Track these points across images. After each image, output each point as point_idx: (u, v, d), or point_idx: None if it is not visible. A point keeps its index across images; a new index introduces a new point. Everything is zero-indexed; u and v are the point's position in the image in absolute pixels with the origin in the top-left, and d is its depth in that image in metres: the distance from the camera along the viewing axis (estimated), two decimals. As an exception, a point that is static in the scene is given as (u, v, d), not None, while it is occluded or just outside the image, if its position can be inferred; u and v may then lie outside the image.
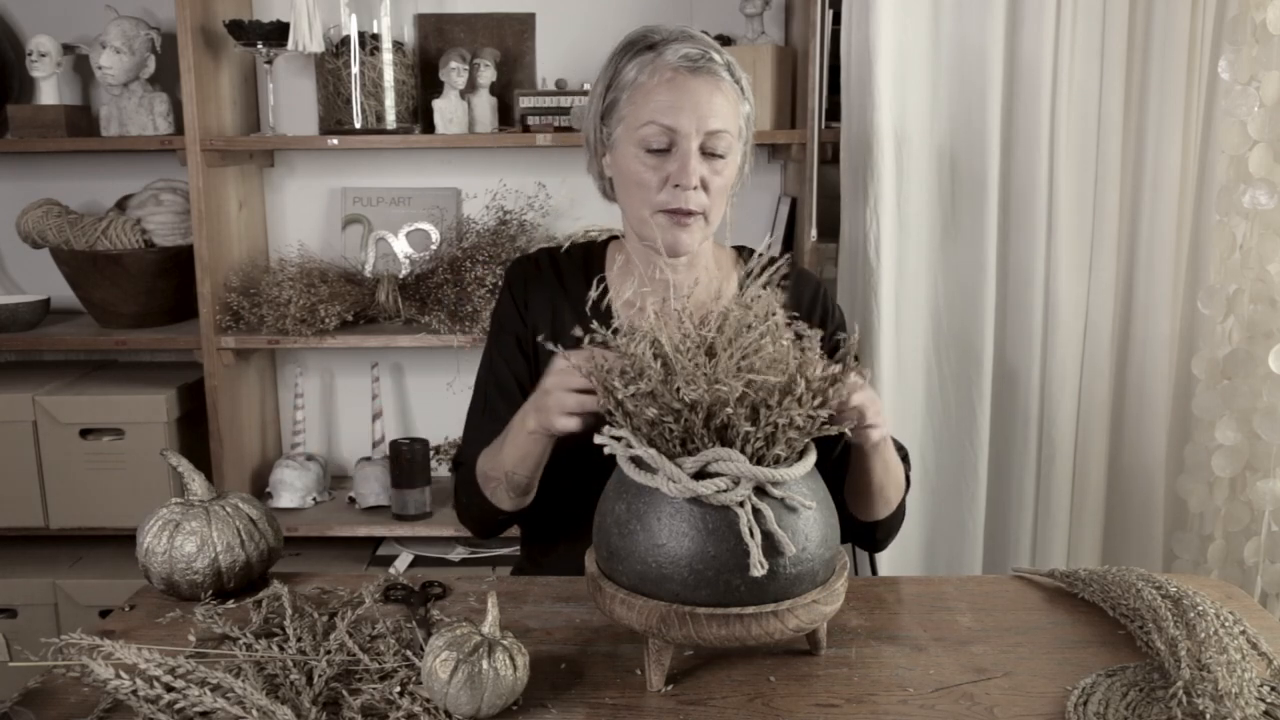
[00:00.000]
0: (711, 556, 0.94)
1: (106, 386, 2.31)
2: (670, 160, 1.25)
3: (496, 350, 1.40)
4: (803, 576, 0.96)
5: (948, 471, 2.10)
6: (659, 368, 0.97)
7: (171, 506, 1.19)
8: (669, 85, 1.24)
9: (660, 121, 1.24)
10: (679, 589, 0.95)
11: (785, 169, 2.36)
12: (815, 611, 0.97)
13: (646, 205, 1.28)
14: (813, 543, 0.97)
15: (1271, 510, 1.80)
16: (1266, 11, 1.73)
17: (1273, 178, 1.77)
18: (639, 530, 0.97)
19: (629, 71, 1.27)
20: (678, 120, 1.24)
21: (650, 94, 1.25)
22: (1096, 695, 0.97)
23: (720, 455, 0.94)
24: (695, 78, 1.24)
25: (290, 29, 2.13)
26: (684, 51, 1.25)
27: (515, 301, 1.39)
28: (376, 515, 2.34)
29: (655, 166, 1.26)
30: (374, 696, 0.95)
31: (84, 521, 2.27)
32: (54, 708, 0.97)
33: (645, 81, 1.25)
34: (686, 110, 1.24)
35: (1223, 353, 1.86)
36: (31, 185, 2.43)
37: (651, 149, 1.25)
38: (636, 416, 0.97)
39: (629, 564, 0.98)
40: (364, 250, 2.39)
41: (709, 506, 0.94)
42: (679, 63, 1.24)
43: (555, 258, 1.42)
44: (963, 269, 2.05)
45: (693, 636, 0.95)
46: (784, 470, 0.95)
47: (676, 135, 1.24)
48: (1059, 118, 1.99)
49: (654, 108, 1.24)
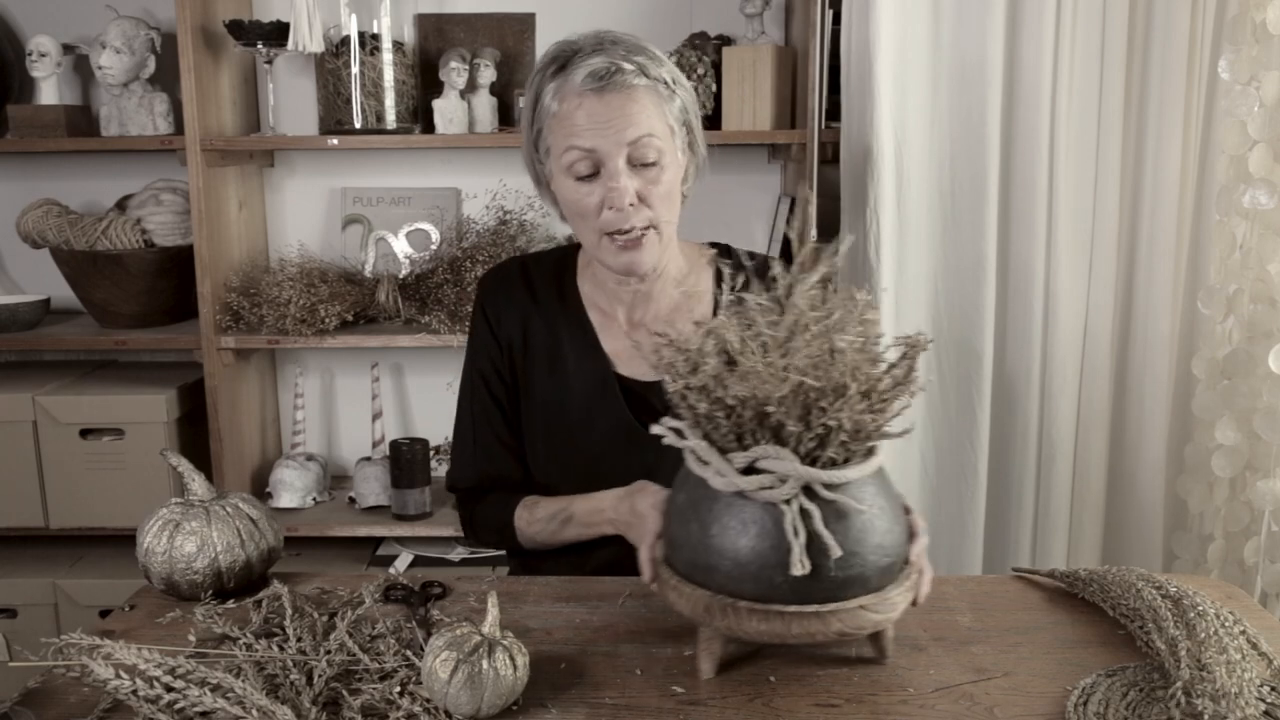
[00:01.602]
0: (755, 551, 0.94)
1: (106, 386, 2.31)
2: (601, 183, 1.23)
3: (475, 374, 1.40)
4: (851, 581, 0.95)
5: (948, 471, 2.10)
6: (716, 363, 0.97)
7: (171, 506, 1.19)
8: (578, 110, 1.21)
9: (579, 146, 1.22)
10: (724, 580, 0.96)
11: (785, 169, 2.36)
12: (861, 617, 0.96)
13: (592, 231, 1.26)
14: (865, 547, 0.95)
15: (1271, 510, 1.80)
16: (1266, 11, 1.73)
17: (1273, 178, 1.77)
18: (693, 520, 0.99)
19: (545, 99, 1.24)
20: (595, 141, 1.21)
21: (563, 121, 1.22)
22: (1096, 695, 0.97)
23: (769, 453, 0.94)
24: (604, 95, 1.20)
25: (290, 29, 2.13)
26: (590, 69, 1.20)
27: (488, 320, 1.39)
28: (376, 515, 2.34)
29: (589, 193, 1.23)
30: (374, 696, 0.95)
31: (84, 521, 2.27)
32: (54, 708, 0.97)
33: (559, 109, 1.23)
34: (600, 130, 1.20)
35: (1223, 353, 1.86)
36: (31, 185, 2.43)
37: (580, 176, 1.23)
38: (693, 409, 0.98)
39: (682, 552, 1.00)
40: (364, 250, 2.39)
41: (757, 502, 0.95)
42: (584, 84, 1.20)
43: (526, 265, 1.42)
44: (963, 269, 2.05)
45: (734, 629, 0.97)
46: (834, 472, 0.94)
47: (598, 156, 1.22)
48: (1059, 117, 1.99)
49: (569, 133, 1.22)
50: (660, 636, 1.11)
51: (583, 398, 1.34)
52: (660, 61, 1.26)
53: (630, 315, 1.36)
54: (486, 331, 1.38)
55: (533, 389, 1.36)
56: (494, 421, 1.38)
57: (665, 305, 1.36)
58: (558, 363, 1.35)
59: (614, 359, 1.35)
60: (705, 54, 2.18)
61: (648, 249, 1.26)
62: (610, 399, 1.33)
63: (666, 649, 1.08)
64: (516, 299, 1.38)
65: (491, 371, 1.38)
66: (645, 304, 1.35)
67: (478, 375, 1.39)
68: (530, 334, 1.36)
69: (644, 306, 1.35)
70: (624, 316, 1.36)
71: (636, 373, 1.33)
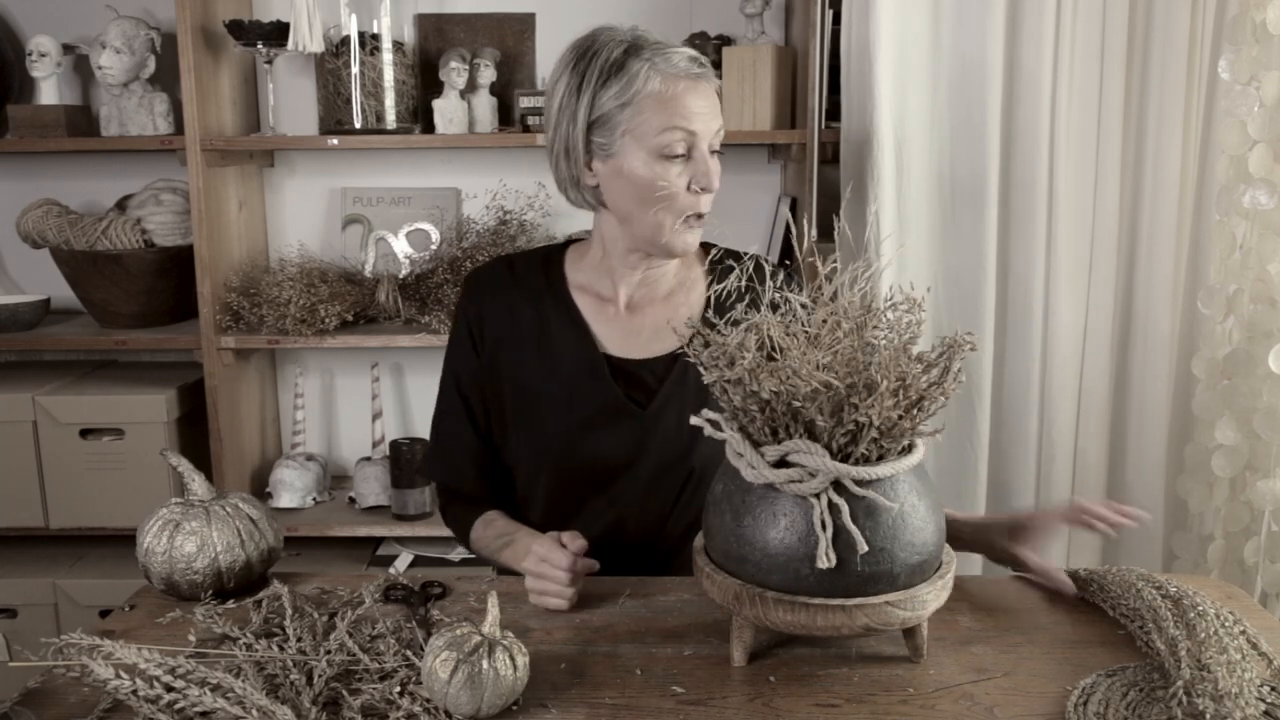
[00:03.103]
0: (783, 543, 0.96)
1: (106, 386, 2.31)
2: (688, 165, 1.27)
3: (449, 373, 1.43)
4: (879, 576, 0.96)
5: (948, 471, 2.10)
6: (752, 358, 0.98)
7: (171, 506, 1.20)
8: (687, 93, 1.25)
9: (684, 127, 1.25)
10: (754, 570, 0.98)
11: (785, 169, 2.36)
12: (888, 614, 0.97)
13: (670, 212, 1.28)
14: (896, 544, 0.96)
15: (1271, 510, 1.80)
16: (1266, 11, 1.73)
17: (1273, 178, 1.77)
18: (728, 510, 1.01)
19: (639, 78, 1.25)
20: (699, 125, 1.26)
21: (668, 102, 1.25)
22: (1096, 695, 0.97)
23: (800, 447, 0.96)
24: (699, 83, 1.27)
25: (290, 29, 2.13)
26: (689, 56, 1.27)
27: (467, 321, 1.41)
28: (376, 515, 2.34)
29: (679, 173, 1.27)
30: (374, 696, 0.95)
31: (84, 521, 2.27)
32: (54, 708, 0.97)
33: (661, 89, 1.25)
34: (702, 115, 1.26)
35: (1223, 353, 1.86)
36: (31, 185, 2.43)
37: (674, 155, 1.26)
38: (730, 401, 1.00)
39: (717, 541, 1.03)
40: (364, 250, 2.39)
41: (787, 495, 0.96)
42: (688, 68, 1.26)
43: (513, 264, 1.43)
44: (963, 269, 2.05)
45: (761, 618, 0.98)
46: (864, 468, 0.95)
47: (697, 139, 1.26)
48: (1059, 117, 1.99)
49: (675, 113, 1.25)
50: (660, 636, 1.11)
51: (572, 376, 1.36)
52: None
53: (630, 299, 1.39)
54: (465, 333, 1.41)
55: (521, 375, 1.37)
56: (458, 421, 1.41)
57: (663, 290, 1.40)
58: (546, 344, 1.37)
59: (603, 340, 1.37)
60: (705, 54, 2.16)
61: (699, 230, 1.32)
62: (600, 379, 1.35)
63: (666, 649, 1.08)
64: (501, 292, 1.40)
65: (464, 371, 1.41)
66: (650, 286, 1.38)
67: (450, 374, 1.43)
68: (517, 323, 1.38)
69: (646, 289, 1.39)
70: (624, 300, 1.38)
71: (627, 352, 1.36)
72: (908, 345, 0.98)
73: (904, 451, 1.00)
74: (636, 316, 1.38)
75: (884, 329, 0.99)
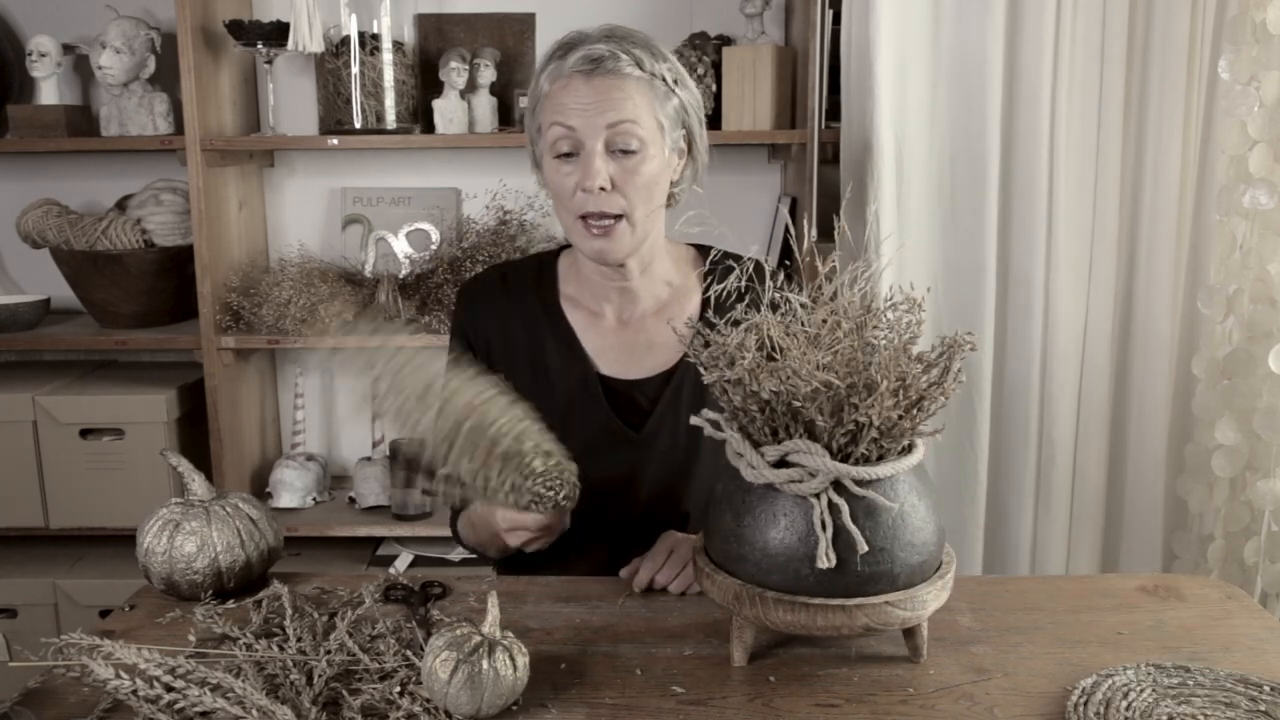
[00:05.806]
0: (783, 543, 0.96)
1: (106, 386, 2.31)
2: (579, 165, 1.24)
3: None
4: (879, 576, 0.96)
5: (948, 472, 2.10)
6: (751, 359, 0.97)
7: (171, 506, 1.19)
8: (566, 89, 1.23)
9: (561, 123, 1.23)
10: (753, 570, 0.98)
11: (785, 169, 2.36)
12: (888, 614, 0.97)
13: (568, 214, 1.27)
14: (896, 544, 0.96)
15: (1271, 510, 1.80)
16: (1266, 11, 1.73)
17: (1273, 178, 1.77)
18: (728, 511, 1.01)
19: (541, 80, 1.27)
20: (576, 120, 1.22)
21: (552, 100, 1.24)
22: (1096, 695, 0.97)
23: (800, 447, 0.96)
24: (592, 78, 1.22)
25: (290, 29, 2.13)
26: (585, 54, 1.22)
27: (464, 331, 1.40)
28: (376, 515, 2.34)
29: (568, 173, 1.24)
30: (374, 696, 0.95)
31: (84, 521, 2.27)
32: (54, 708, 0.97)
33: (549, 89, 1.25)
34: (582, 110, 1.22)
35: (1223, 353, 1.86)
36: (31, 185, 2.43)
37: (561, 154, 1.24)
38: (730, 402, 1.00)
39: (717, 541, 1.03)
40: (364, 250, 2.39)
41: (787, 495, 0.96)
42: (575, 66, 1.22)
43: (504, 272, 1.42)
44: (963, 269, 2.05)
45: (761, 618, 0.98)
46: (864, 468, 0.95)
47: (577, 135, 1.23)
48: (1059, 117, 1.99)
49: (554, 111, 1.24)
50: (660, 636, 1.11)
51: (565, 398, 1.34)
52: (663, 59, 1.27)
53: (619, 314, 1.36)
54: (464, 346, 1.39)
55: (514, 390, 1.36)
56: None
57: (652, 304, 1.36)
58: (539, 364, 1.36)
59: (596, 359, 1.35)
60: (705, 54, 2.18)
61: (618, 239, 1.26)
62: (593, 399, 1.33)
63: (666, 649, 1.08)
64: (493, 305, 1.39)
65: None
66: (633, 302, 1.36)
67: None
68: (509, 338, 1.37)
69: (632, 305, 1.36)
70: (613, 315, 1.36)
71: (619, 371, 1.34)
72: (908, 345, 0.98)
73: (904, 451, 1.00)
74: (628, 331, 1.36)
75: (884, 329, 0.99)
